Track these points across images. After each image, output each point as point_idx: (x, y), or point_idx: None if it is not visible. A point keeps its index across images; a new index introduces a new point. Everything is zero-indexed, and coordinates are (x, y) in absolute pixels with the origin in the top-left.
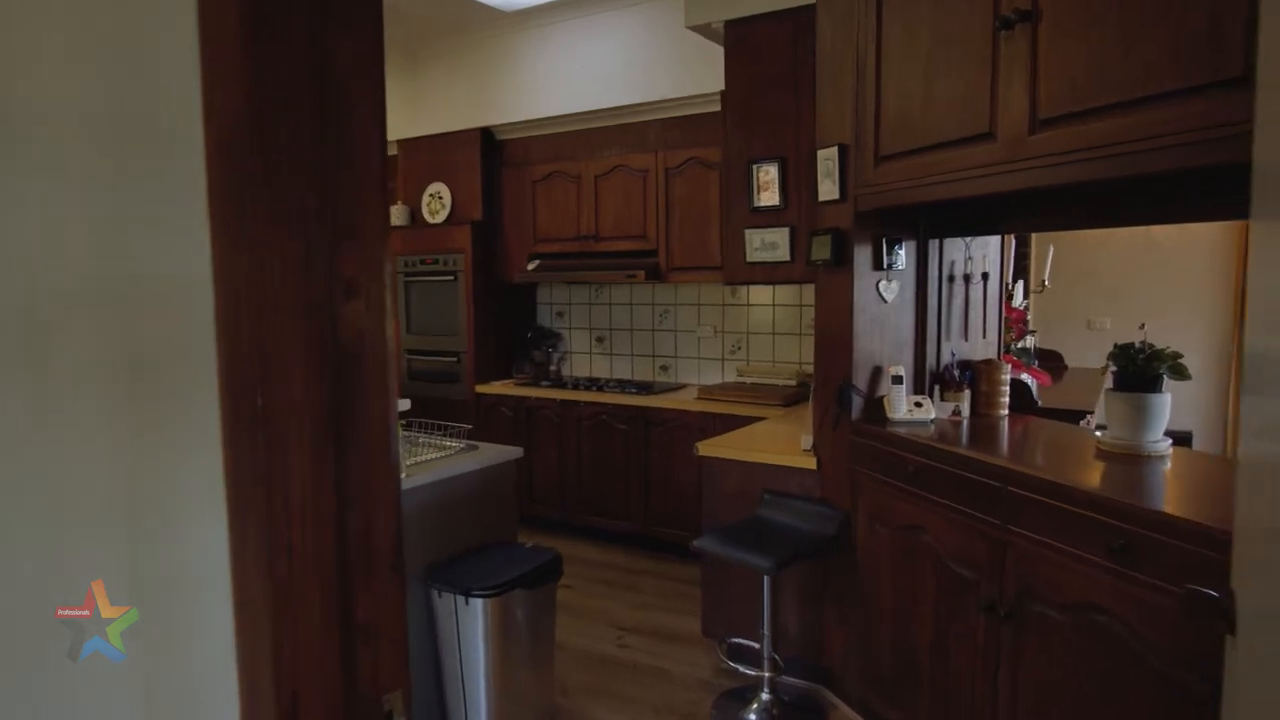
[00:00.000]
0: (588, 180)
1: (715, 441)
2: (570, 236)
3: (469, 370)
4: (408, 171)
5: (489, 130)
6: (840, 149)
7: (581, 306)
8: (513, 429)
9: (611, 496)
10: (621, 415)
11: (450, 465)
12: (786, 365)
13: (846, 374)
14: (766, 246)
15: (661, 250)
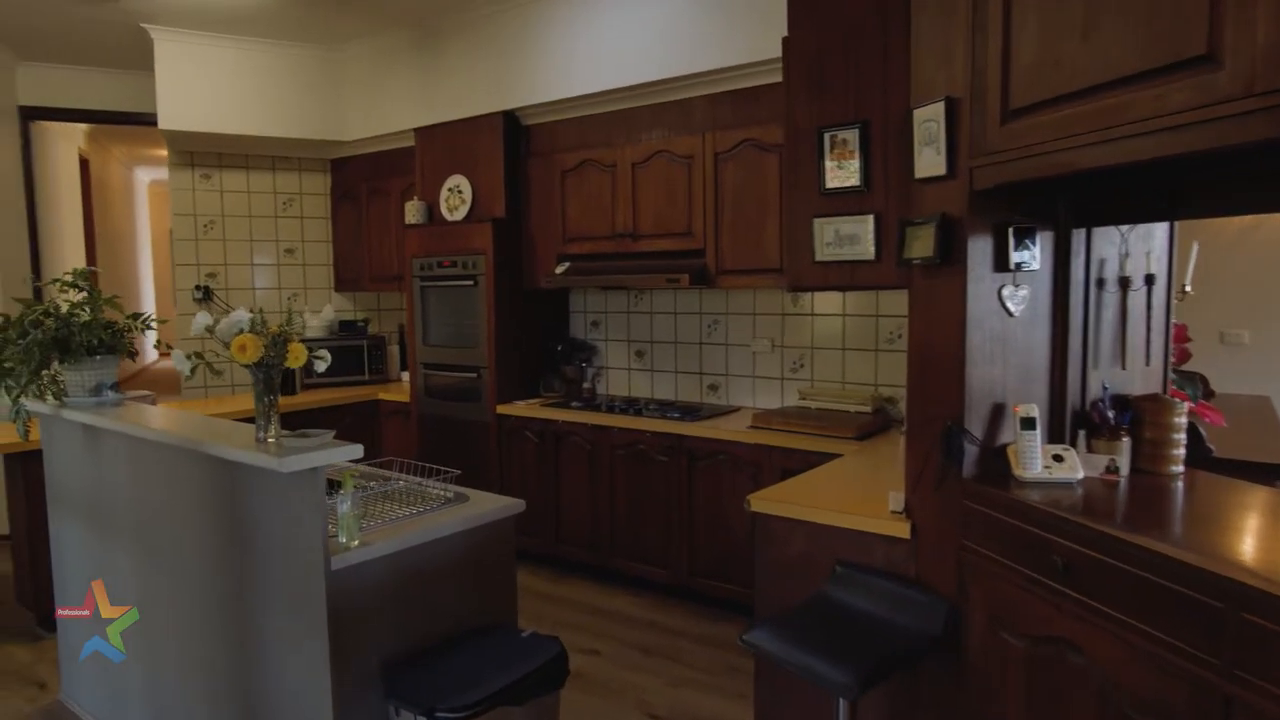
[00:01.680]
0: (624, 169)
1: (774, 494)
2: (604, 235)
3: (490, 388)
4: (425, 163)
5: (513, 115)
6: (949, 105)
7: (619, 315)
8: (538, 457)
9: (649, 540)
10: (661, 445)
11: (426, 526)
12: (859, 388)
13: (955, 413)
14: (842, 240)
15: (710, 250)
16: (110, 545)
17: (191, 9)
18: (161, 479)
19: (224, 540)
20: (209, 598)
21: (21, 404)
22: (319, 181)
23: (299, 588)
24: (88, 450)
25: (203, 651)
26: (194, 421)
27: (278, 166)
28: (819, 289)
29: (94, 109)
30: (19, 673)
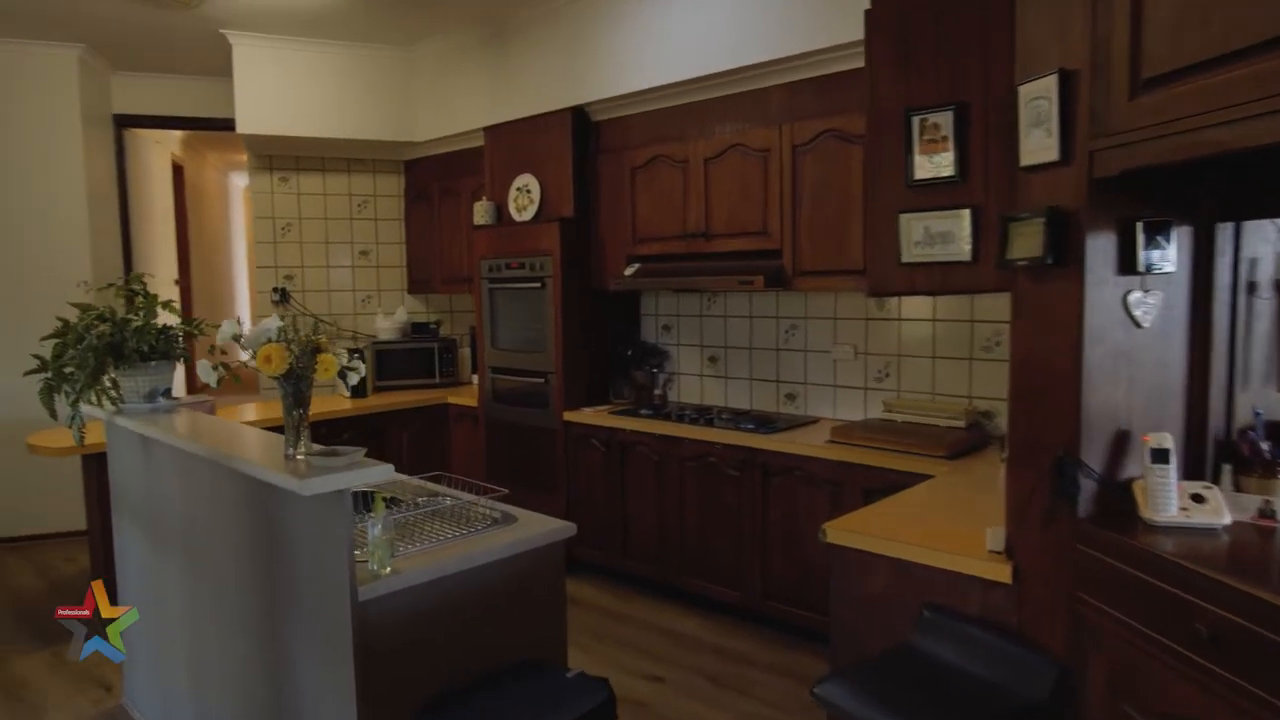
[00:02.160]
0: (696, 165)
1: (852, 522)
2: (675, 234)
3: (557, 394)
4: (494, 162)
5: (582, 110)
6: (1063, 79)
7: (691, 319)
8: (605, 467)
9: (719, 558)
10: (732, 458)
11: (467, 551)
12: (951, 400)
13: (1068, 441)
14: (933, 239)
15: (787, 250)
16: (161, 552)
17: (266, 12)
18: (203, 489)
19: (258, 559)
20: (245, 616)
21: (78, 408)
22: (393, 183)
23: (325, 617)
24: (141, 456)
25: (240, 671)
26: (230, 433)
27: (353, 169)
28: (905, 294)
29: (181, 115)
30: (88, 672)
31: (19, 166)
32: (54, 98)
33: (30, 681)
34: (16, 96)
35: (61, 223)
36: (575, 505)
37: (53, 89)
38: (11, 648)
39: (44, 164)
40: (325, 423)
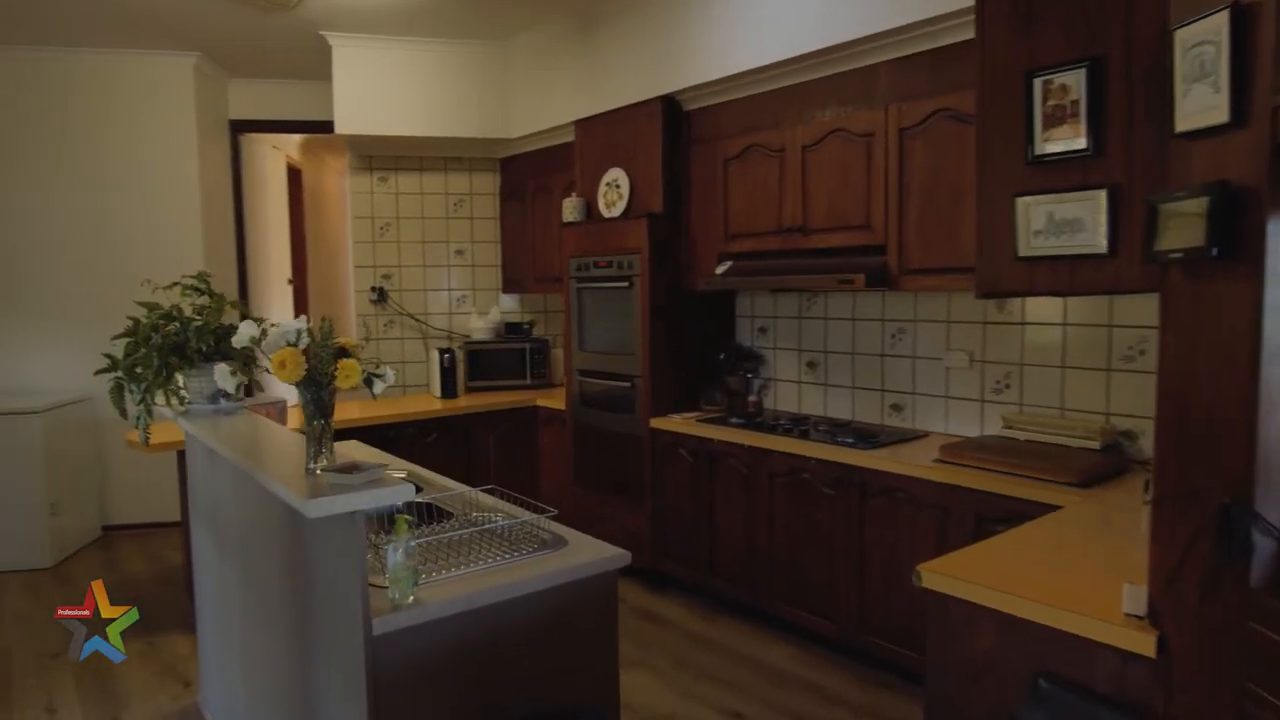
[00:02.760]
0: (793, 153)
1: (954, 565)
2: (769, 230)
3: (643, 399)
4: (584, 157)
5: (673, 100)
6: (1237, 15)
7: (789, 321)
8: (692, 479)
9: (812, 585)
10: (827, 475)
11: (503, 580)
12: (1084, 417)
13: (1237, 486)
14: (1058, 227)
15: (891, 246)
16: (223, 554)
17: (362, 12)
18: (249, 496)
19: (289, 575)
20: (279, 634)
21: (143, 407)
22: (489, 181)
23: (339, 648)
24: (205, 457)
25: (276, 689)
26: (268, 439)
27: (449, 167)
28: (1021, 294)
29: (289, 119)
30: (172, 667)
31: (139, 171)
32: (171, 105)
33: (120, 671)
34: (137, 104)
35: (176, 225)
36: (661, 517)
37: (170, 96)
38: None
39: (161, 168)
40: (414, 423)
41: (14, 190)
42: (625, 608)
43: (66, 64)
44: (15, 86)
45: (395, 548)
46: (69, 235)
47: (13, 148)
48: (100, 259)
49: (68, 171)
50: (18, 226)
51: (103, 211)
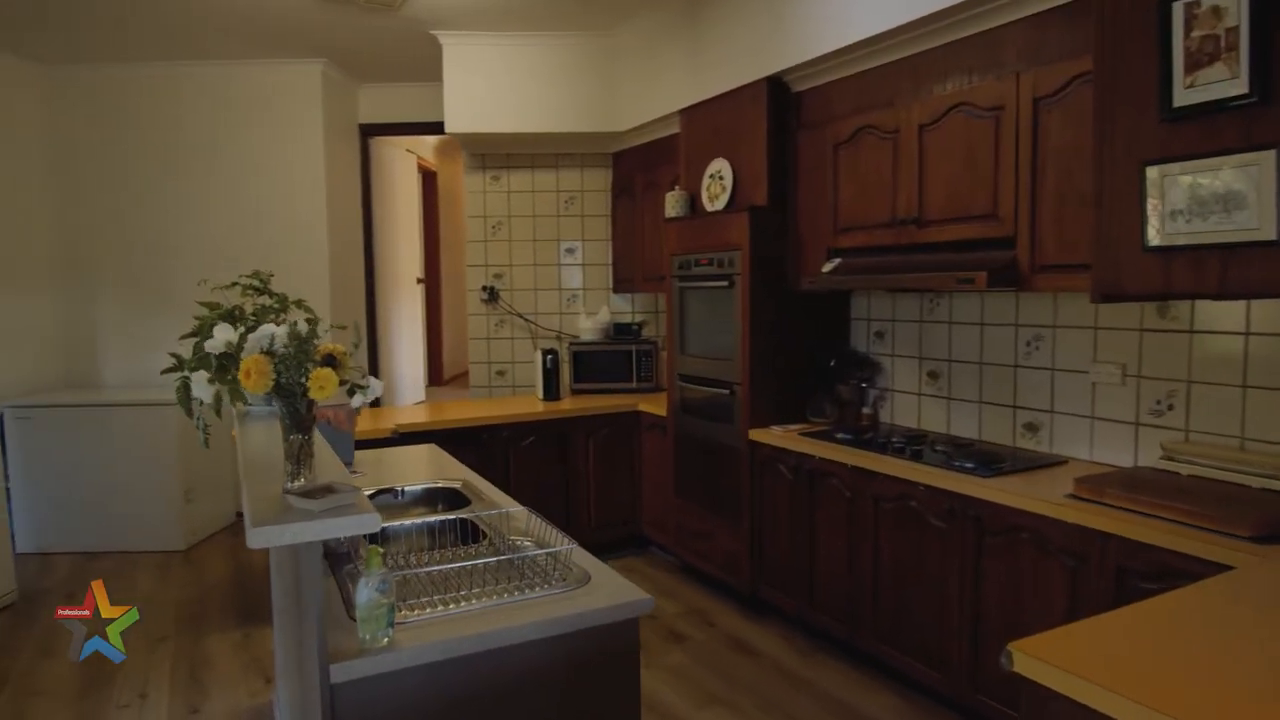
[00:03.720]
0: (908, 134)
1: (1062, 645)
2: (881, 222)
3: (743, 408)
4: (689, 147)
5: (779, 81)
6: None
7: (908, 325)
8: (792, 499)
9: (919, 628)
10: (938, 505)
11: (497, 626)
12: (1271, 450)
13: None
14: (1205, 206)
15: (1022, 238)
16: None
17: (467, 7)
18: None
19: (289, 600)
20: (281, 660)
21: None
22: (600, 177)
23: (300, 693)
24: None
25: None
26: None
27: (560, 164)
28: (1150, 297)
29: (409, 121)
30: (258, 662)
31: (271, 175)
32: (300, 110)
33: (213, 663)
34: (270, 111)
35: (303, 227)
36: (760, 539)
37: (299, 102)
38: (214, 625)
39: (291, 172)
40: (509, 426)
41: (162, 198)
42: (717, 635)
43: (205, 77)
44: (158, 100)
45: (364, 583)
46: (211, 238)
47: (161, 158)
48: (240, 260)
49: (210, 178)
50: (167, 232)
51: (239, 214)
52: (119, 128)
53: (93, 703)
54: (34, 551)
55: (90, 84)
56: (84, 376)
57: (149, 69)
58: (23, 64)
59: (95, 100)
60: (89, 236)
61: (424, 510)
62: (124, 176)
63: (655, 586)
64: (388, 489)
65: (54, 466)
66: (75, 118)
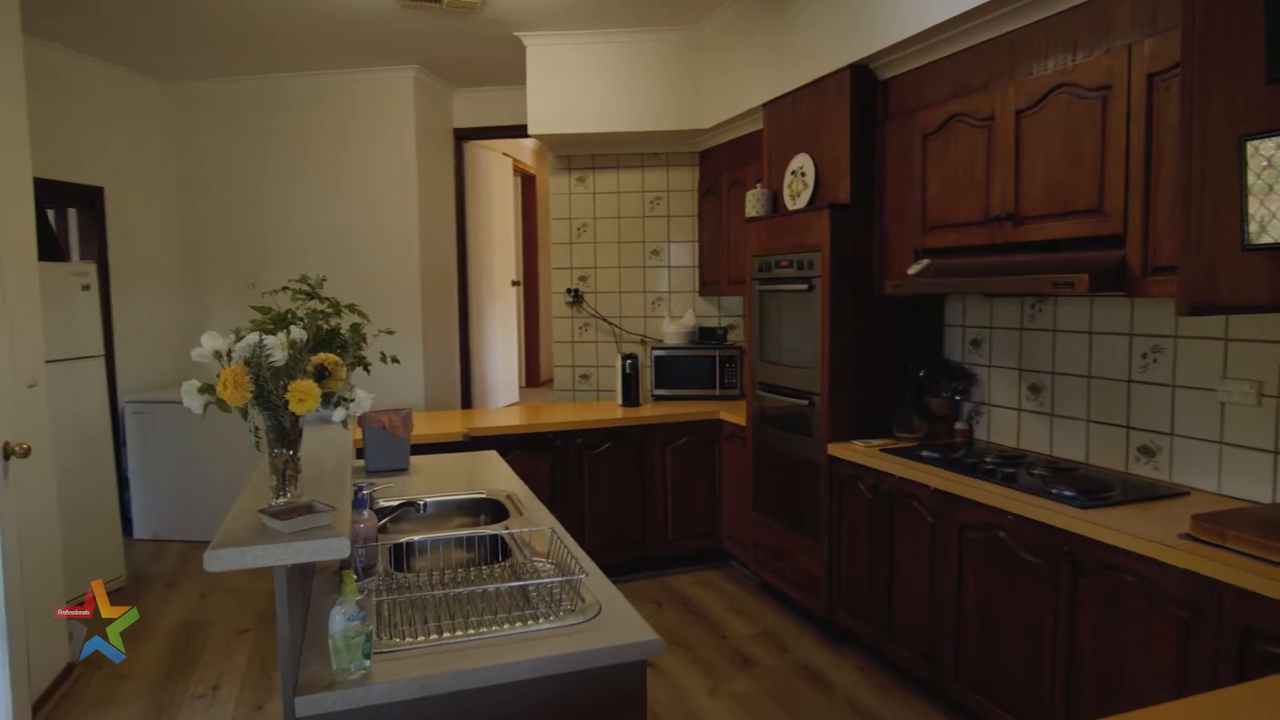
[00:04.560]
0: (1004, 121)
1: None
2: (974, 220)
3: (822, 420)
4: (772, 143)
5: (864, 68)
6: None
7: (1008, 333)
8: (871, 520)
9: (1006, 673)
10: (1030, 538)
11: (484, 663)
12: None
13: None
14: None
15: (1133, 236)
16: None
17: (547, 6)
18: None
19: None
20: None
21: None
22: (686, 177)
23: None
24: None
25: None
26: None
27: (646, 164)
28: (1255, 309)
29: (496, 125)
30: None
31: (365, 180)
32: (394, 116)
33: None
34: (364, 118)
35: (395, 230)
36: (839, 560)
37: (393, 108)
38: None
39: (384, 176)
40: (582, 432)
41: (267, 203)
42: (790, 662)
43: (306, 88)
44: (264, 111)
45: (338, 611)
46: (309, 242)
47: (266, 165)
48: (337, 262)
49: (309, 183)
50: (271, 235)
51: (335, 218)
52: (229, 138)
53: (171, 690)
54: (148, 538)
55: (205, 98)
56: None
57: (255, 82)
58: (150, 82)
59: (209, 113)
60: (204, 241)
61: (466, 521)
62: (234, 184)
63: (730, 604)
64: (410, 501)
65: (169, 459)
66: (193, 130)
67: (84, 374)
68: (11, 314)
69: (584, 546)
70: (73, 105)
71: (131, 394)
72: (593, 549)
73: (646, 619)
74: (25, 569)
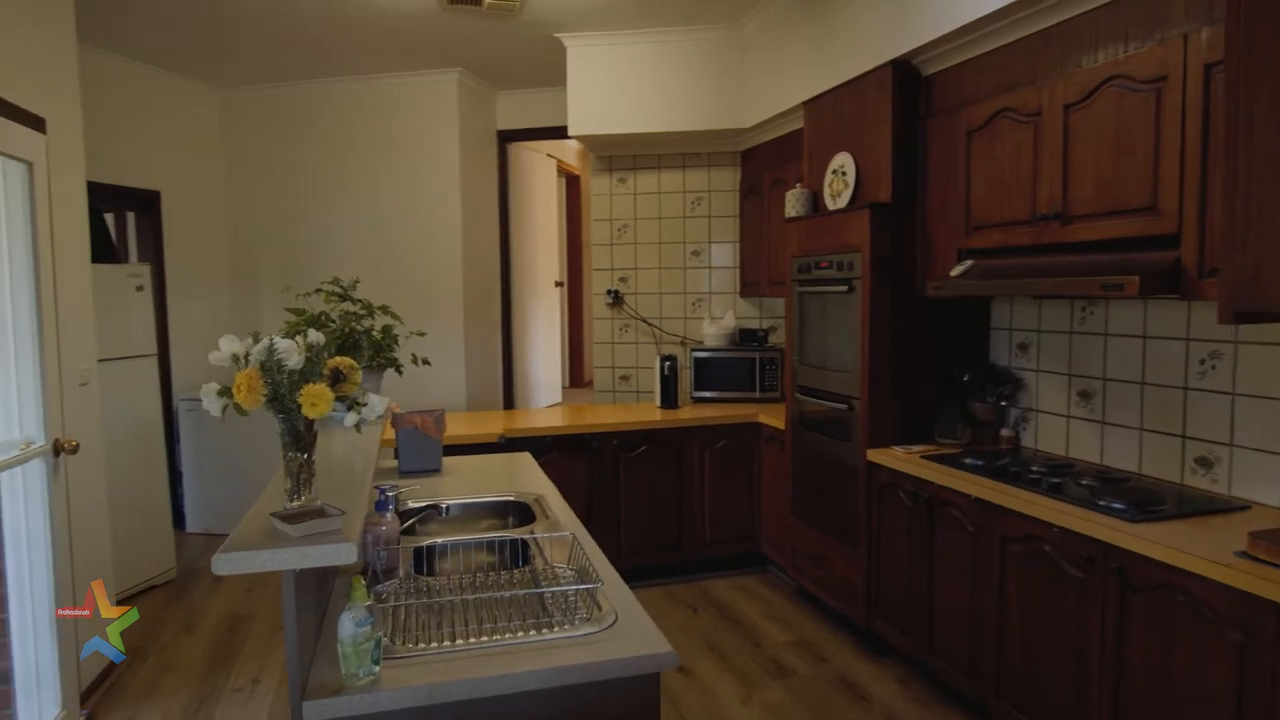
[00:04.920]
0: (1052, 115)
1: None
2: (1020, 219)
3: (861, 425)
4: (812, 142)
5: (906, 64)
6: None
7: (1057, 337)
8: (910, 529)
9: (1051, 692)
10: (1075, 552)
11: (494, 672)
12: None
13: None
14: None
15: (1188, 235)
16: None
17: (588, 7)
18: None
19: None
20: None
21: None
22: (728, 177)
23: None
24: None
25: None
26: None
27: (687, 164)
28: None
29: (538, 127)
30: None
31: (408, 183)
32: (437, 119)
33: None
34: (408, 121)
35: (440, 232)
36: (878, 568)
37: (436, 111)
38: None
39: (427, 179)
40: (619, 434)
41: (313, 205)
42: (827, 672)
43: (351, 92)
44: (311, 115)
45: (347, 616)
46: (354, 243)
47: (308, 168)
48: (381, 264)
49: (353, 185)
50: (316, 236)
51: (378, 220)
52: (277, 142)
53: (213, 682)
54: (200, 532)
55: (255, 103)
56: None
57: (302, 87)
58: (204, 88)
59: (258, 118)
60: (254, 242)
61: (494, 523)
62: (281, 187)
63: (767, 610)
64: (434, 504)
65: (221, 455)
66: (243, 134)
67: (138, 372)
68: (63, 315)
69: (620, 549)
70: (132, 112)
71: (185, 392)
72: (628, 551)
73: (681, 624)
74: (75, 561)
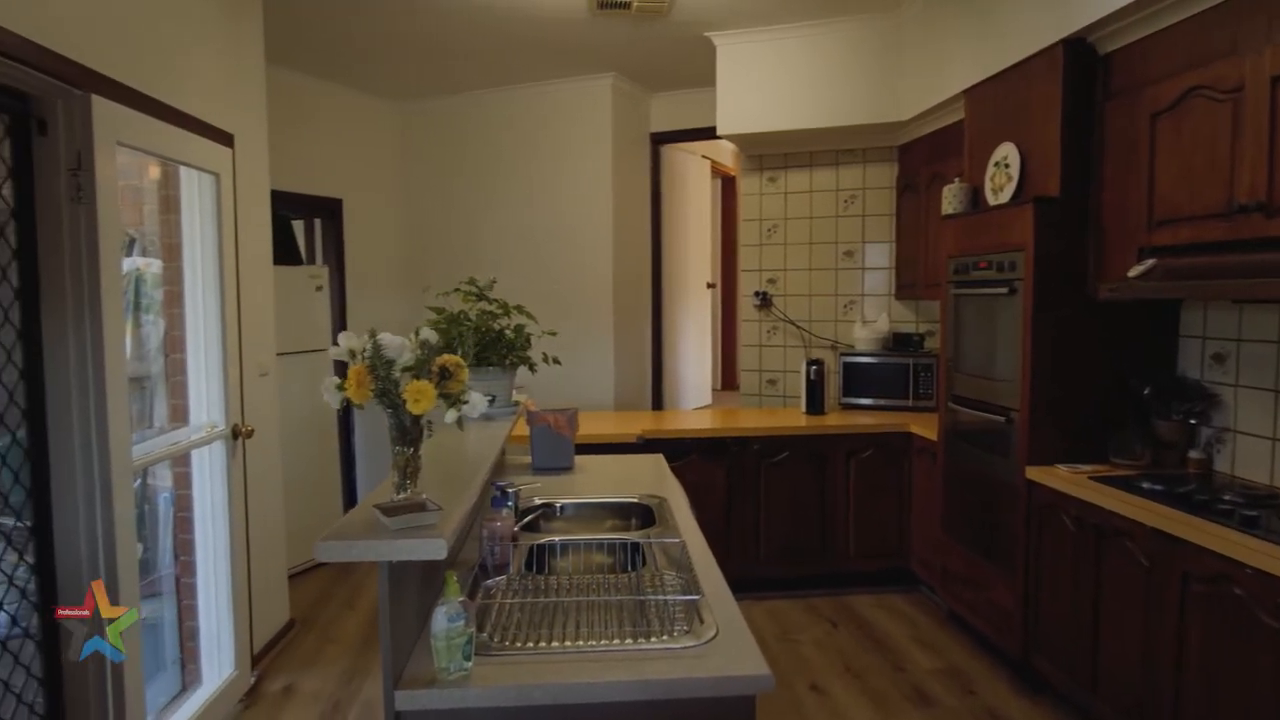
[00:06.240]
0: (1257, 90)
1: None
2: (1214, 212)
3: (1020, 440)
4: (974, 133)
5: (1079, 41)
6: None
7: (1262, 347)
8: (1074, 558)
9: None
10: (1272, 599)
11: (578, 679)
12: None
13: None
14: None
15: None
16: None
17: (736, 4)
18: None
19: None
20: None
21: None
22: (884, 173)
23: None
24: None
25: None
26: (443, 456)
27: (841, 161)
28: None
29: (702, 127)
30: None
31: (562, 186)
32: (592, 123)
33: None
34: (565, 127)
35: (590, 234)
36: (1035, 598)
37: (591, 116)
38: None
39: (581, 183)
40: (759, 439)
41: (474, 211)
42: (974, 706)
43: (512, 101)
44: (476, 124)
45: (441, 611)
46: (510, 245)
47: (471, 174)
48: (535, 265)
49: (511, 191)
50: (476, 241)
51: (532, 224)
52: (445, 151)
53: (366, 657)
54: None
55: (425, 115)
56: None
57: (467, 99)
58: (381, 102)
59: (428, 129)
60: (425, 246)
61: (617, 523)
62: (448, 193)
63: (913, 632)
64: (548, 503)
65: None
66: (415, 144)
67: (316, 365)
68: (246, 312)
69: (759, 556)
70: (318, 125)
71: None
72: (766, 560)
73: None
74: (251, 536)
